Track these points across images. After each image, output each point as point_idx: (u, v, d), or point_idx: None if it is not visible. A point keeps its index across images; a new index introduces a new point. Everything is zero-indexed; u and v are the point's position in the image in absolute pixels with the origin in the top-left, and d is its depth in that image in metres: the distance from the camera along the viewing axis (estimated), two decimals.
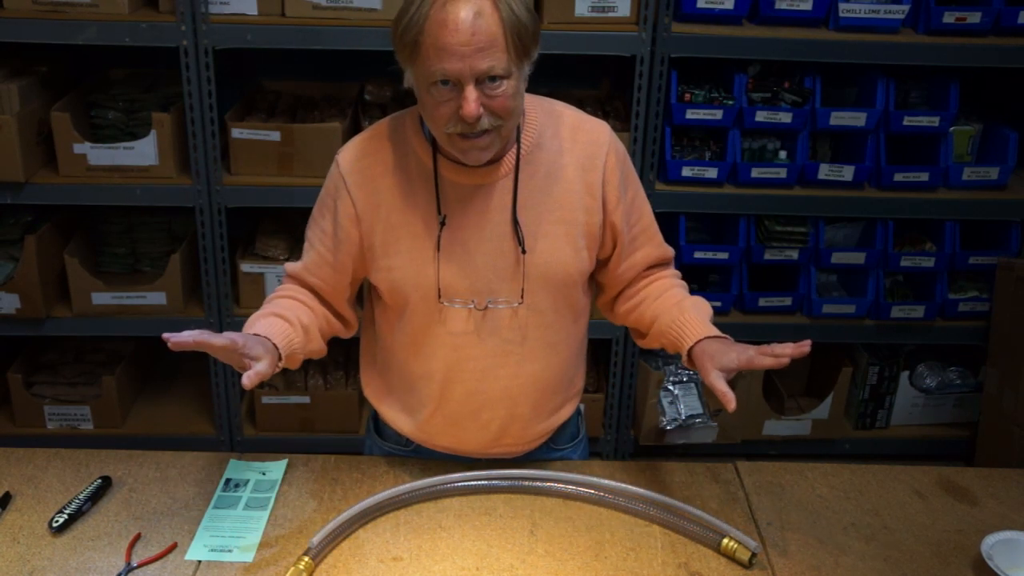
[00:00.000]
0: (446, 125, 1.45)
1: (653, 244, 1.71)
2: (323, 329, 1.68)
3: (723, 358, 1.52)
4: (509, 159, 1.57)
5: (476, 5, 1.38)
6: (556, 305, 1.65)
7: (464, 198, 1.57)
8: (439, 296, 1.59)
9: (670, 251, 1.75)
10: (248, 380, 1.44)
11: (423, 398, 1.70)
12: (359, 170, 1.60)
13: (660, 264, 1.73)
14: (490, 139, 1.48)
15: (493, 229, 1.58)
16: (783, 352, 1.48)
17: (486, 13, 1.38)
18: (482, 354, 1.64)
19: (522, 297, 1.60)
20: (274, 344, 1.53)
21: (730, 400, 1.47)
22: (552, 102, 1.64)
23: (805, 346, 1.47)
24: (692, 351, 1.59)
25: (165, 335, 1.41)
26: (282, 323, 1.59)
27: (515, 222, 1.57)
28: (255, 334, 1.53)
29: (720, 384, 1.49)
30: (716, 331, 1.60)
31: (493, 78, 1.41)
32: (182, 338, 1.41)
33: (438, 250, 1.57)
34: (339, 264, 1.64)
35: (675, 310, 1.64)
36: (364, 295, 1.78)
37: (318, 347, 1.67)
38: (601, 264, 1.70)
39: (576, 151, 1.60)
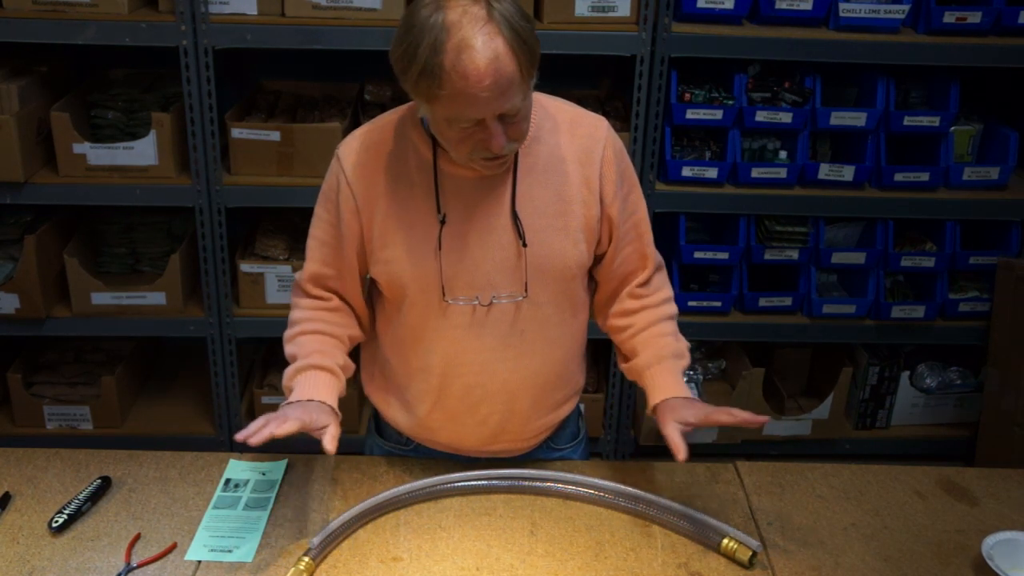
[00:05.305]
0: (469, 154, 1.48)
1: (644, 241, 1.71)
2: (348, 350, 1.73)
3: (682, 412, 1.61)
4: None
5: (491, 48, 1.35)
6: (556, 299, 1.65)
7: (463, 192, 1.58)
8: (443, 294, 1.59)
9: (658, 256, 1.75)
10: (331, 446, 1.53)
11: (421, 393, 1.70)
12: (359, 163, 1.60)
13: (651, 271, 1.73)
14: (506, 157, 1.52)
15: (493, 223, 1.58)
16: (740, 414, 1.58)
17: (501, 52, 1.35)
18: (481, 348, 1.64)
19: (526, 291, 1.60)
20: (329, 404, 1.60)
21: (681, 451, 1.56)
22: (550, 98, 1.65)
23: (760, 420, 1.57)
24: (657, 406, 1.66)
25: (239, 436, 1.47)
26: (325, 376, 1.64)
27: (515, 216, 1.57)
28: (309, 400, 1.59)
29: (675, 436, 1.58)
30: (684, 390, 1.67)
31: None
32: (257, 439, 1.47)
33: (439, 247, 1.57)
34: (347, 258, 1.65)
35: (653, 357, 1.70)
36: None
37: (351, 374, 1.73)
38: (597, 259, 1.70)
39: (574, 145, 1.60)
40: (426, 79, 1.37)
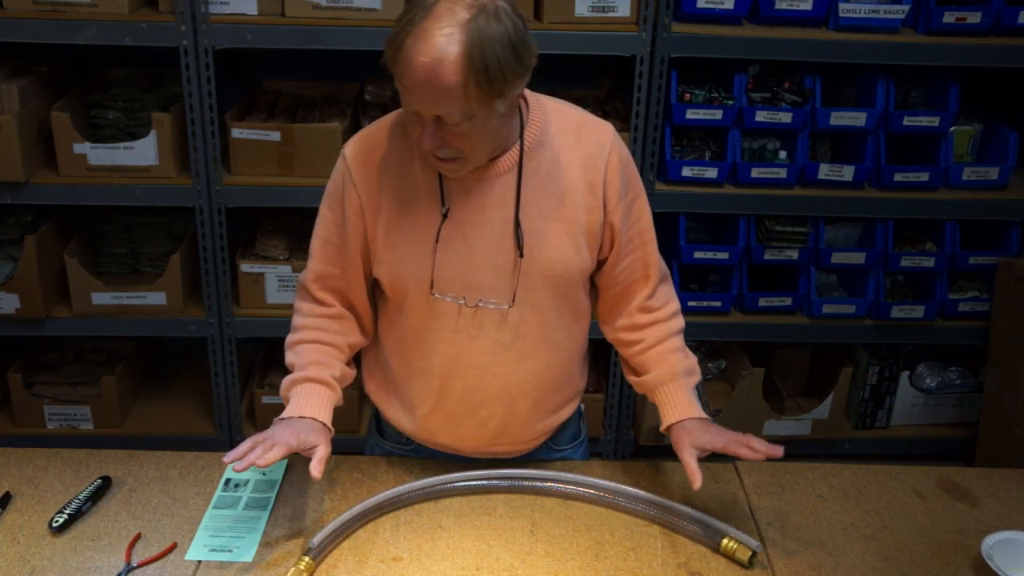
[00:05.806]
0: (416, 141, 1.49)
1: (648, 250, 1.71)
2: (348, 359, 1.73)
3: (700, 437, 1.61)
4: (512, 155, 1.57)
5: (440, 51, 1.35)
6: (556, 303, 1.65)
7: (467, 192, 1.58)
8: (431, 287, 1.59)
9: (664, 267, 1.75)
10: (316, 471, 1.51)
11: (422, 394, 1.70)
12: (365, 163, 1.61)
13: (656, 281, 1.72)
14: (457, 164, 1.51)
15: (494, 225, 1.58)
16: (758, 447, 1.58)
17: (448, 60, 1.36)
18: (480, 349, 1.64)
19: (513, 301, 1.60)
20: (321, 422, 1.60)
21: (697, 479, 1.56)
22: (557, 101, 1.65)
23: (778, 451, 1.58)
24: (672, 427, 1.66)
25: (226, 458, 1.48)
26: (320, 389, 1.63)
27: (516, 222, 1.57)
28: (301, 416, 1.58)
29: (691, 462, 1.58)
30: (699, 411, 1.67)
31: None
32: (240, 467, 1.47)
33: (437, 241, 1.58)
34: (351, 256, 1.65)
35: (667, 374, 1.70)
36: None
37: (350, 382, 1.72)
38: (598, 264, 1.70)
39: (579, 150, 1.60)
40: (391, 48, 1.41)
